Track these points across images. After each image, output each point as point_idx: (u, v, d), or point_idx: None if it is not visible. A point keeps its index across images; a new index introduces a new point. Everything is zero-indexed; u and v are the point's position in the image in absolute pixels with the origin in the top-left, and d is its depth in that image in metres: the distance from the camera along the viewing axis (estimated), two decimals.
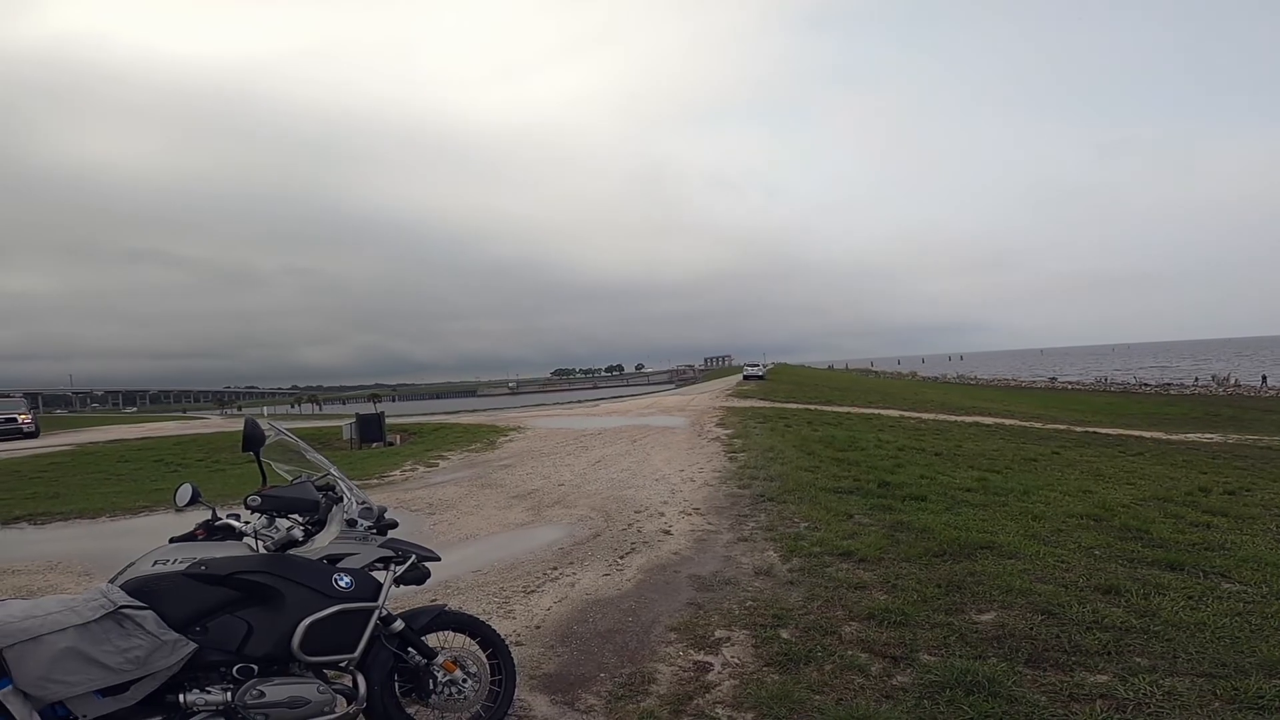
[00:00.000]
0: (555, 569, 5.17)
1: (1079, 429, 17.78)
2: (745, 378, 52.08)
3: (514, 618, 4.18)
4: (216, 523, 2.57)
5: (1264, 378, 45.27)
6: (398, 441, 16.20)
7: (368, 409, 20.25)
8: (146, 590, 2.18)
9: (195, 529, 2.57)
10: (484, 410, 30.70)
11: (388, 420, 17.64)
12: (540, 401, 44.14)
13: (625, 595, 4.50)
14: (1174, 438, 16.49)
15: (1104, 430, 17.83)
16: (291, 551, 2.48)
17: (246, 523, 2.55)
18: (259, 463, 2.73)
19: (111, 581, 2.24)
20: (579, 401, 35.84)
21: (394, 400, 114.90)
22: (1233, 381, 44.87)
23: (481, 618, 4.08)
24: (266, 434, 2.74)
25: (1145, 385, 48.76)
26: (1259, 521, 6.02)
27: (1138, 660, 3.13)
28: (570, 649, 3.68)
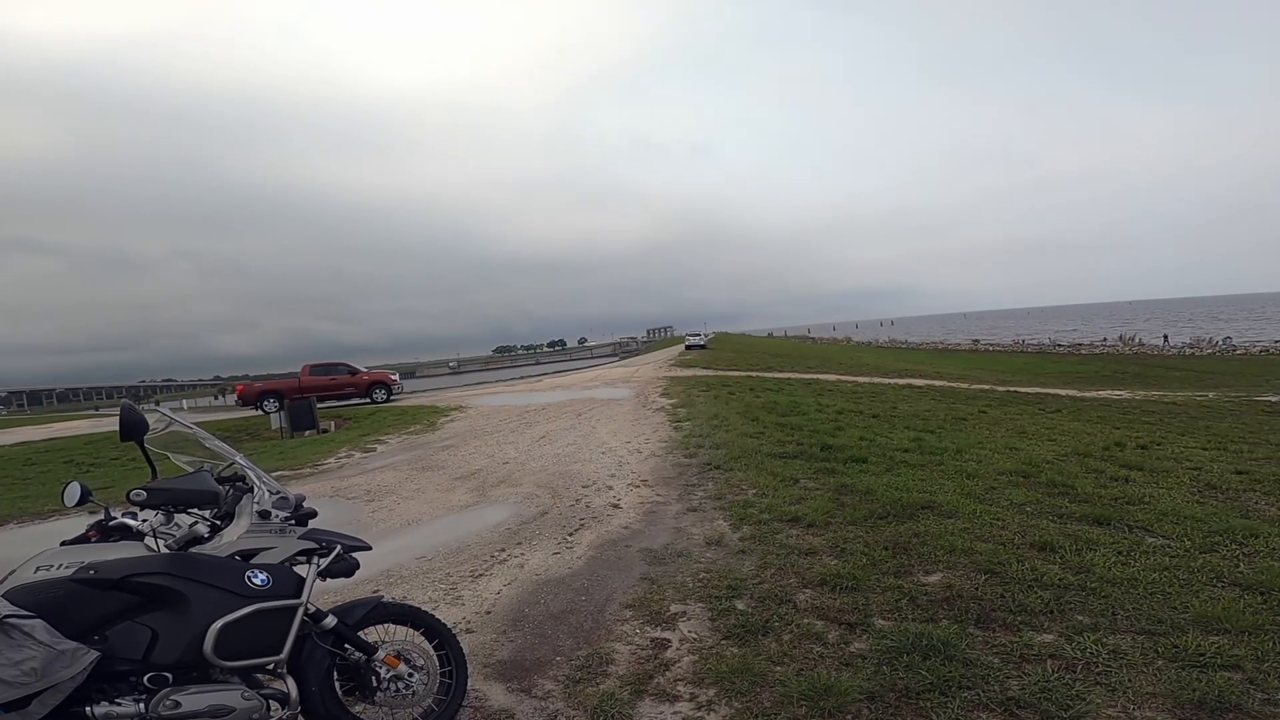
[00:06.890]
0: (503, 550, 5.04)
1: (1001, 388, 18.70)
2: (688, 347, 52.54)
3: (463, 604, 4.05)
4: (111, 522, 2.34)
5: (1165, 337, 48.83)
6: (332, 428, 15.57)
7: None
8: (32, 599, 1.98)
9: (87, 530, 2.33)
10: (424, 391, 29.86)
11: (320, 406, 16.94)
12: (482, 380, 43.32)
13: (577, 574, 4.42)
14: (1087, 395, 17.57)
15: (1023, 389, 18.82)
16: (196, 549, 2.27)
17: (144, 521, 2.32)
18: (144, 452, 2.49)
19: None
20: (522, 378, 35.36)
21: None
22: (1138, 341, 48.12)
23: (428, 606, 3.92)
24: (152, 421, 2.49)
25: (1059, 346, 51.75)
26: (1172, 474, 6.36)
27: (1079, 618, 3.19)
28: (523, 633, 3.58)
